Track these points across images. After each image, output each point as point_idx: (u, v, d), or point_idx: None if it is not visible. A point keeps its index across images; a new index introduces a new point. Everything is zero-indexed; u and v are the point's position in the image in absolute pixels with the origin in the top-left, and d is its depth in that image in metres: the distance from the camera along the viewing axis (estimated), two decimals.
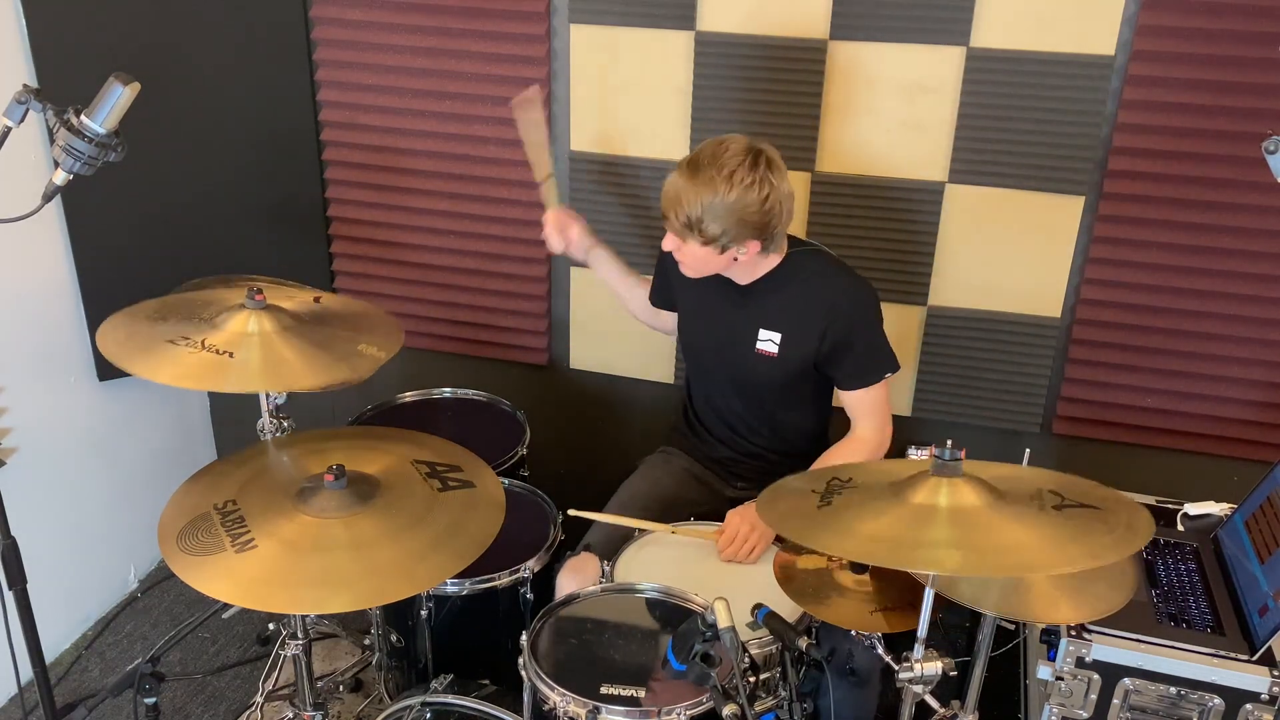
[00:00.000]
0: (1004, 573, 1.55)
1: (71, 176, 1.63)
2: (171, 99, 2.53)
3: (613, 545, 2.04)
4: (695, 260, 1.97)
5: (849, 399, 2.09)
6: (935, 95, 2.31)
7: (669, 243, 1.98)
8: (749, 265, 2.01)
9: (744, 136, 1.90)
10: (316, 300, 1.99)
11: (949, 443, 1.51)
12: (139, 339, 1.80)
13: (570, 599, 1.88)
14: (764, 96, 2.39)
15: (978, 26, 2.24)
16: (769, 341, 2.07)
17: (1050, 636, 1.83)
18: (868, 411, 2.09)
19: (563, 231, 2.30)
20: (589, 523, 2.16)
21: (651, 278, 2.34)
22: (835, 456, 2.08)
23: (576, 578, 1.98)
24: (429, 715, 1.87)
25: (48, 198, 1.64)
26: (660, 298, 2.32)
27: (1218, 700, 1.73)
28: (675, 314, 2.31)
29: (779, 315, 2.06)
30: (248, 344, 1.79)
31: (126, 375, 2.69)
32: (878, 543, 1.43)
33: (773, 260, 2.04)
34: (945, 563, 1.37)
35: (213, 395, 3.15)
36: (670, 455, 2.33)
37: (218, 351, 1.76)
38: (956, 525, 1.43)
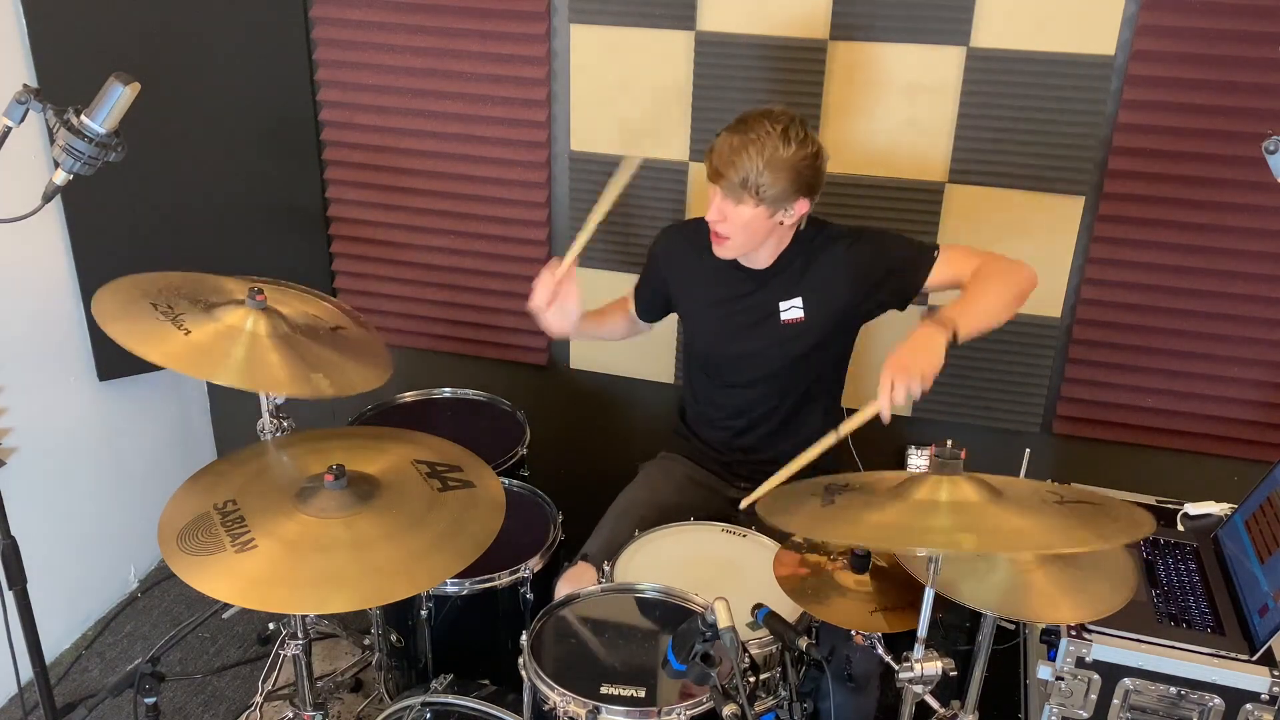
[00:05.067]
0: (1020, 549, 1.55)
1: (71, 176, 1.63)
2: (171, 99, 2.53)
3: (611, 554, 2.03)
4: (740, 228, 1.96)
5: (942, 276, 2.01)
6: (935, 95, 2.31)
7: (715, 211, 1.96)
8: (776, 240, 2.03)
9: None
10: (335, 330, 1.99)
11: (949, 442, 1.52)
12: (134, 309, 1.80)
13: (570, 599, 1.88)
14: (764, 96, 2.39)
15: (978, 26, 2.24)
16: (793, 309, 2.07)
17: (1050, 636, 1.83)
18: (964, 265, 1.99)
19: (558, 288, 2.03)
20: (589, 524, 2.16)
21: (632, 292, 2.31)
22: (978, 280, 1.96)
23: (574, 589, 1.98)
24: (429, 715, 1.87)
25: (48, 198, 1.64)
26: (646, 309, 2.30)
27: (1218, 700, 1.73)
28: (649, 322, 2.33)
29: (795, 284, 2.07)
30: (236, 339, 1.79)
31: (126, 375, 2.73)
32: (887, 529, 1.45)
33: (789, 236, 2.06)
34: (963, 543, 1.39)
35: (213, 395, 3.15)
36: (669, 461, 2.33)
37: (191, 331, 1.76)
38: (960, 515, 1.45)
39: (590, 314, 2.26)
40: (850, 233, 2.08)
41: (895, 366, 1.78)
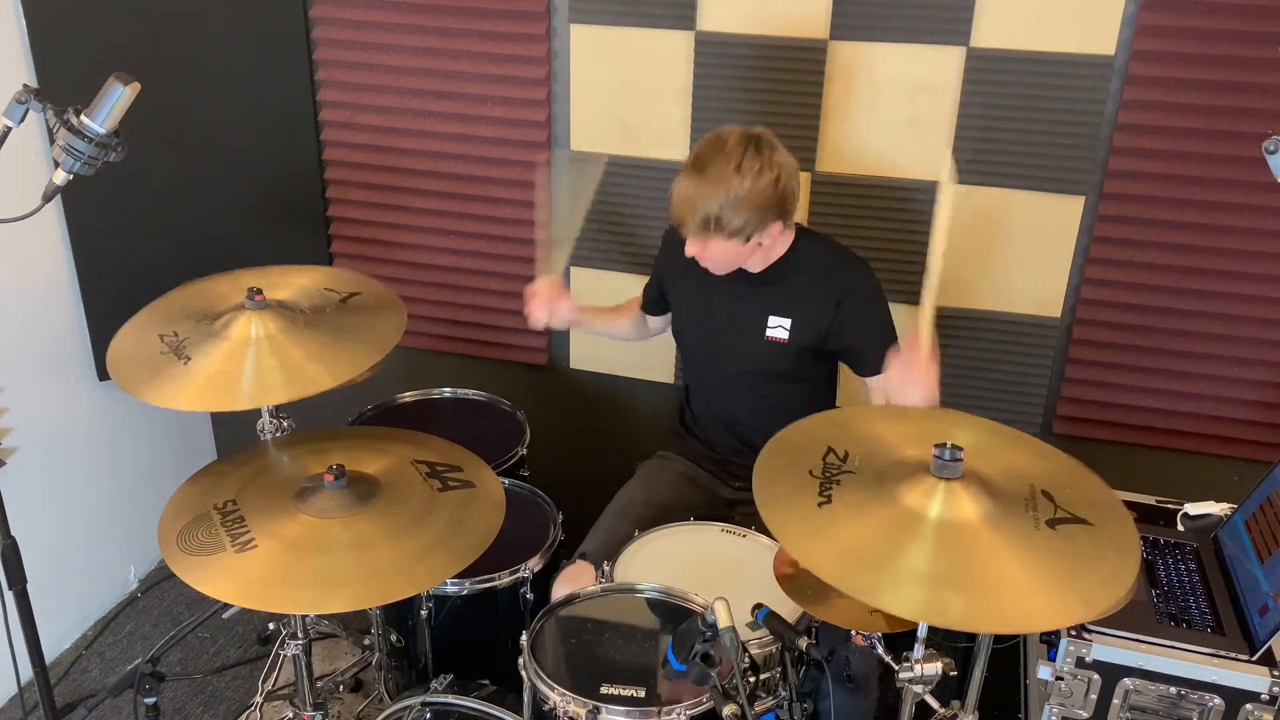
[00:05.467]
0: (1000, 627, 1.50)
1: (71, 176, 1.63)
2: (172, 99, 2.53)
3: (609, 552, 2.04)
4: (721, 257, 1.97)
5: (873, 381, 2.07)
6: (935, 95, 2.31)
7: (691, 248, 1.98)
8: (768, 249, 2.03)
9: (737, 126, 1.92)
10: (347, 299, 2.00)
11: (949, 443, 1.51)
12: (146, 358, 1.81)
13: (570, 599, 1.88)
14: (764, 96, 2.39)
15: (978, 26, 2.24)
16: (779, 328, 2.08)
17: (1050, 636, 1.83)
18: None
19: (552, 305, 2.16)
20: (589, 524, 2.16)
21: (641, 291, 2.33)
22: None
23: (572, 587, 1.98)
24: (429, 715, 1.87)
25: (48, 198, 1.64)
26: (653, 304, 2.32)
27: (1218, 700, 1.73)
28: (659, 320, 2.34)
29: (789, 301, 2.07)
30: (254, 351, 1.79)
31: None
32: (866, 575, 1.38)
33: (786, 240, 2.05)
34: (949, 611, 1.33)
35: None
36: (666, 460, 2.33)
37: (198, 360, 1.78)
38: (946, 546, 1.39)
39: (596, 310, 2.29)
40: (857, 268, 2.06)
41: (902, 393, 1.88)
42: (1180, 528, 2.09)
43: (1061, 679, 1.80)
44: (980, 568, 1.38)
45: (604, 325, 2.38)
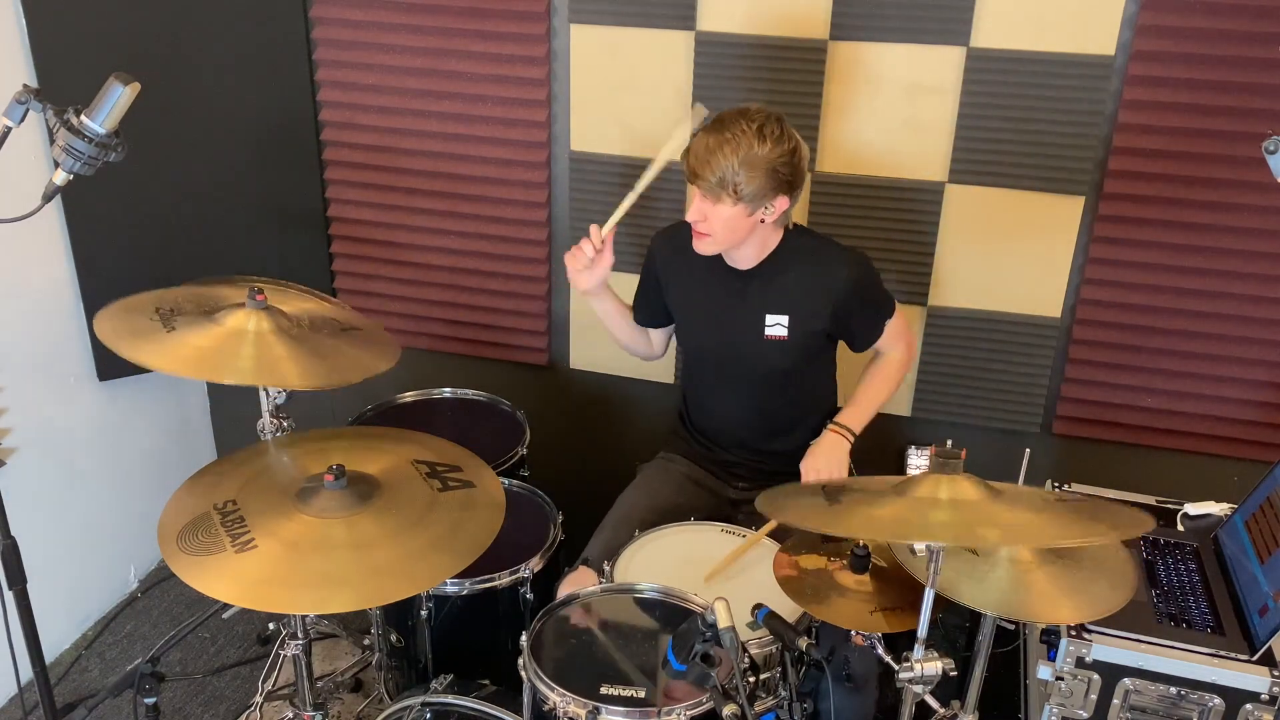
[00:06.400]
0: (1040, 543, 1.59)
1: (71, 176, 1.63)
2: (171, 99, 2.53)
3: (610, 558, 2.03)
4: (721, 227, 1.96)
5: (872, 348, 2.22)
6: (935, 95, 2.31)
7: (695, 211, 1.97)
8: (760, 240, 2.03)
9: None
10: (346, 331, 1.99)
11: (949, 442, 1.52)
12: (136, 326, 1.80)
13: (570, 599, 1.88)
14: (764, 96, 2.39)
15: (978, 26, 2.24)
16: (778, 325, 2.08)
17: (1050, 636, 1.83)
18: (891, 344, 2.20)
19: (599, 258, 2.09)
20: (589, 524, 2.16)
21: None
22: (872, 381, 2.21)
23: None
24: (429, 715, 1.87)
25: (48, 198, 1.64)
26: (646, 315, 2.29)
27: (1218, 700, 1.73)
28: (661, 334, 2.32)
29: (784, 298, 2.07)
30: (244, 340, 1.80)
31: (126, 375, 2.73)
32: (899, 523, 1.46)
33: (776, 238, 2.06)
34: (988, 537, 1.41)
35: (213, 395, 3.15)
36: (668, 462, 2.33)
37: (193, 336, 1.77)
38: (965, 511, 1.46)
39: (616, 295, 2.26)
40: (849, 259, 2.07)
41: (812, 472, 2.09)
42: (1180, 528, 2.09)
43: (1061, 679, 1.80)
44: (1005, 516, 1.45)
45: (617, 311, 2.28)
